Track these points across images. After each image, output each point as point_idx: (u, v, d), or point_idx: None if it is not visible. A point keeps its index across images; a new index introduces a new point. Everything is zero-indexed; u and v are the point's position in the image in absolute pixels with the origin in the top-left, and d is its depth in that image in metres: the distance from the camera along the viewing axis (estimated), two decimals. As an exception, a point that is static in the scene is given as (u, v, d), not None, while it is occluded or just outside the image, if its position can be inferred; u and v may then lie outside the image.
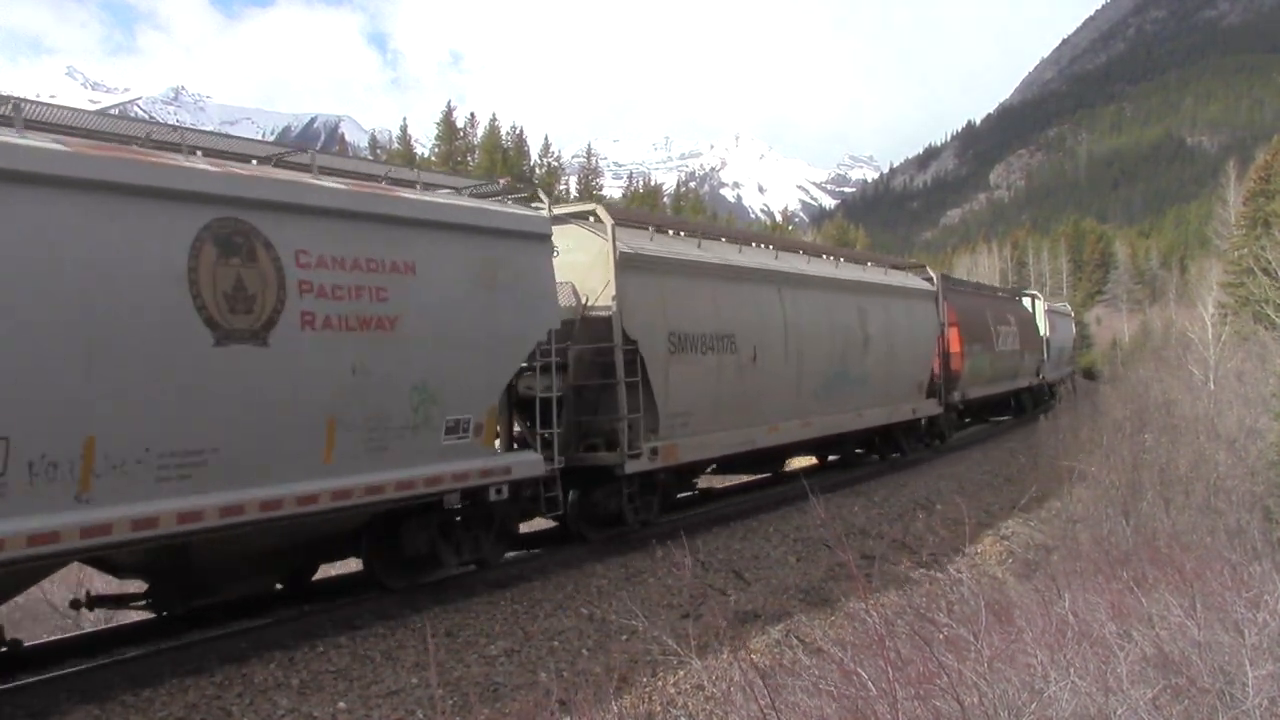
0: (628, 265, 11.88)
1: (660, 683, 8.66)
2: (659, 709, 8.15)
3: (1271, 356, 21.44)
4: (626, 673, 8.74)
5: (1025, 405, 33.72)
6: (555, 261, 10.83)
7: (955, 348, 23.22)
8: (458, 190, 10.39)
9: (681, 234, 14.50)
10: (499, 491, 9.93)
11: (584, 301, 11.77)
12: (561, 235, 11.37)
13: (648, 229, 13.32)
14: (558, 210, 12.00)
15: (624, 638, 9.51)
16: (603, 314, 11.67)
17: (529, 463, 10.31)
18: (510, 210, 10.40)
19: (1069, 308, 50.12)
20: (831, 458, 20.05)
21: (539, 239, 10.57)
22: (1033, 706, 4.77)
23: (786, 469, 18.98)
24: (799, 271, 16.24)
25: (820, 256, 18.34)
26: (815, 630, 10.32)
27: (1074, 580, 8.93)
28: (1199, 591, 6.55)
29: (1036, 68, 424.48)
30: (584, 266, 11.82)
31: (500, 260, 9.86)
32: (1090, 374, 52.47)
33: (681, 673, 8.66)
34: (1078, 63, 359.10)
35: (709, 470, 16.05)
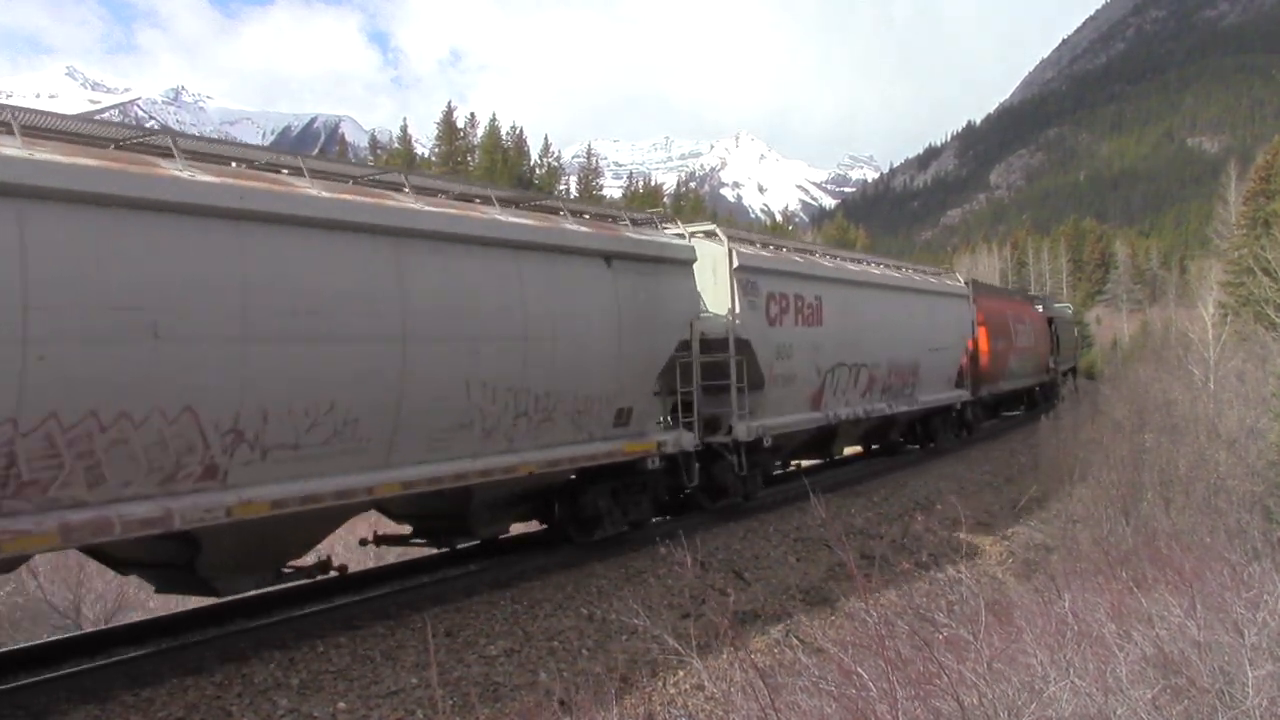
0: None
1: (660, 682, 8.67)
2: (659, 709, 8.16)
3: (1272, 356, 21.43)
4: (626, 673, 8.74)
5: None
6: None
7: None
8: None
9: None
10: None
11: None
12: None
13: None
14: None
15: (624, 638, 9.52)
16: None
17: None
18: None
19: (960, 279, 25.61)
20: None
21: None
22: (1033, 706, 4.77)
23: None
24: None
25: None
26: (815, 630, 10.32)
27: (1074, 580, 8.93)
28: (1199, 591, 6.54)
29: (1036, 68, 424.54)
30: None
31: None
32: (1090, 374, 52.35)
33: (682, 672, 8.66)
34: (1078, 63, 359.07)
35: None
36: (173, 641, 8.56)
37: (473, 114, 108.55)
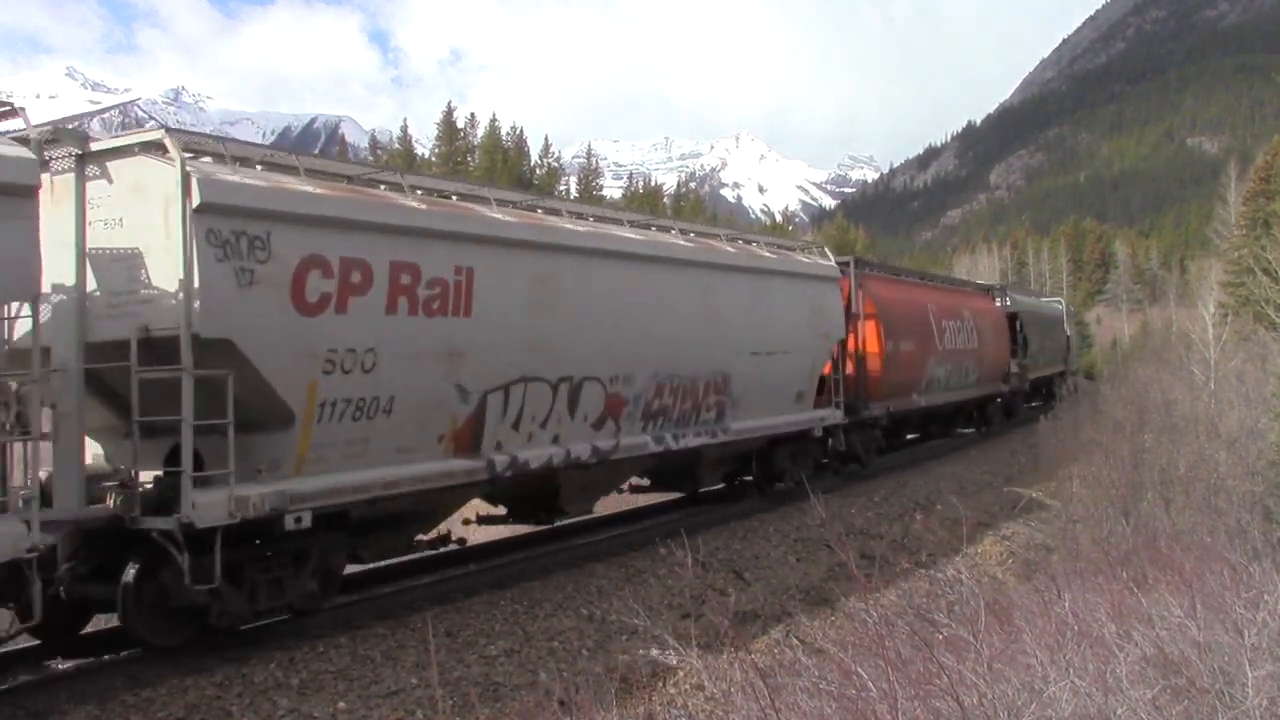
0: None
1: (660, 683, 8.68)
2: (659, 709, 8.16)
3: (1272, 356, 21.45)
4: (626, 673, 8.75)
5: None
6: None
7: None
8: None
9: None
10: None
11: None
12: None
13: None
14: None
15: (624, 638, 9.52)
16: None
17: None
18: None
19: (831, 257, 18.10)
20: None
21: None
22: (1033, 707, 4.77)
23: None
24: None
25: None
26: (815, 630, 10.33)
27: (1074, 580, 8.93)
28: (1199, 591, 6.55)
29: (1036, 68, 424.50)
30: None
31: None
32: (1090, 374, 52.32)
33: (682, 673, 8.67)
34: (1078, 63, 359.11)
35: None
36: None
37: (473, 114, 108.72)
